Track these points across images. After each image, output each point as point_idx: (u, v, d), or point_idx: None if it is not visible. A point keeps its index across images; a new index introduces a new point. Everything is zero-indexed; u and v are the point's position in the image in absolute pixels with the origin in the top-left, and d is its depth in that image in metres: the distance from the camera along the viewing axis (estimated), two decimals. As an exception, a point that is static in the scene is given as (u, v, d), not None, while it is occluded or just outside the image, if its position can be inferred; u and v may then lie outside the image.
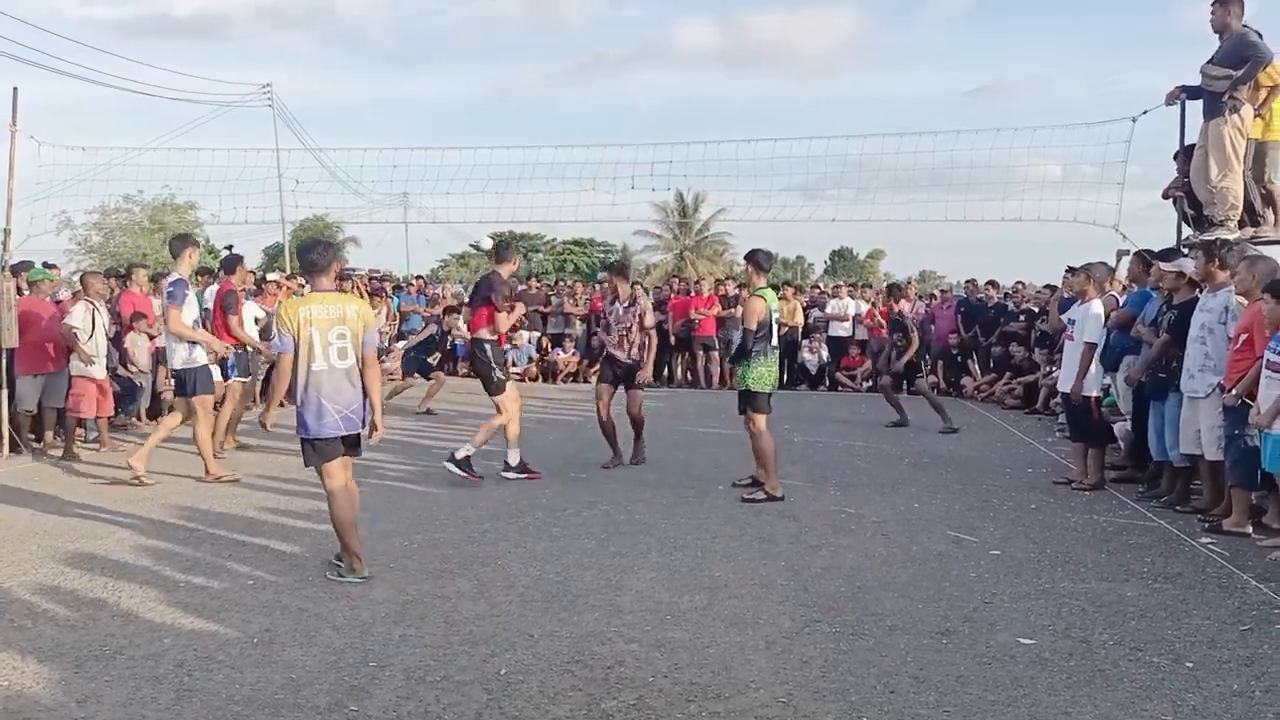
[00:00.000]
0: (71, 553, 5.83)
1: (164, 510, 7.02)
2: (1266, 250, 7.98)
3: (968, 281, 17.31)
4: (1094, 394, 8.16)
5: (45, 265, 13.19)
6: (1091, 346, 7.96)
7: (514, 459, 8.20)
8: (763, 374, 7.63)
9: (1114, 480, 8.36)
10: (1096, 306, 8.02)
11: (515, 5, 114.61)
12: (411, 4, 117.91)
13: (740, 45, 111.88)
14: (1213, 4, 8.04)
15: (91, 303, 9.58)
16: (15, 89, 10.02)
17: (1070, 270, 8.63)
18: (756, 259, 7.82)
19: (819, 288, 22.52)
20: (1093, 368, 8.07)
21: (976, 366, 16.10)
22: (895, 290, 14.14)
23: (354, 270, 18.10)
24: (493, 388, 8.11)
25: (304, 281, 16.49)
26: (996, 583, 5.41)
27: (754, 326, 7.54)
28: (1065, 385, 8.24)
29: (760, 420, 7.63)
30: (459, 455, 7.99)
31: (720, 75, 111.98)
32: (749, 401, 7.69)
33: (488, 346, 8.12)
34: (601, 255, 63.60)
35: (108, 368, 9.72)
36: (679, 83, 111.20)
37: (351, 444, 5.43)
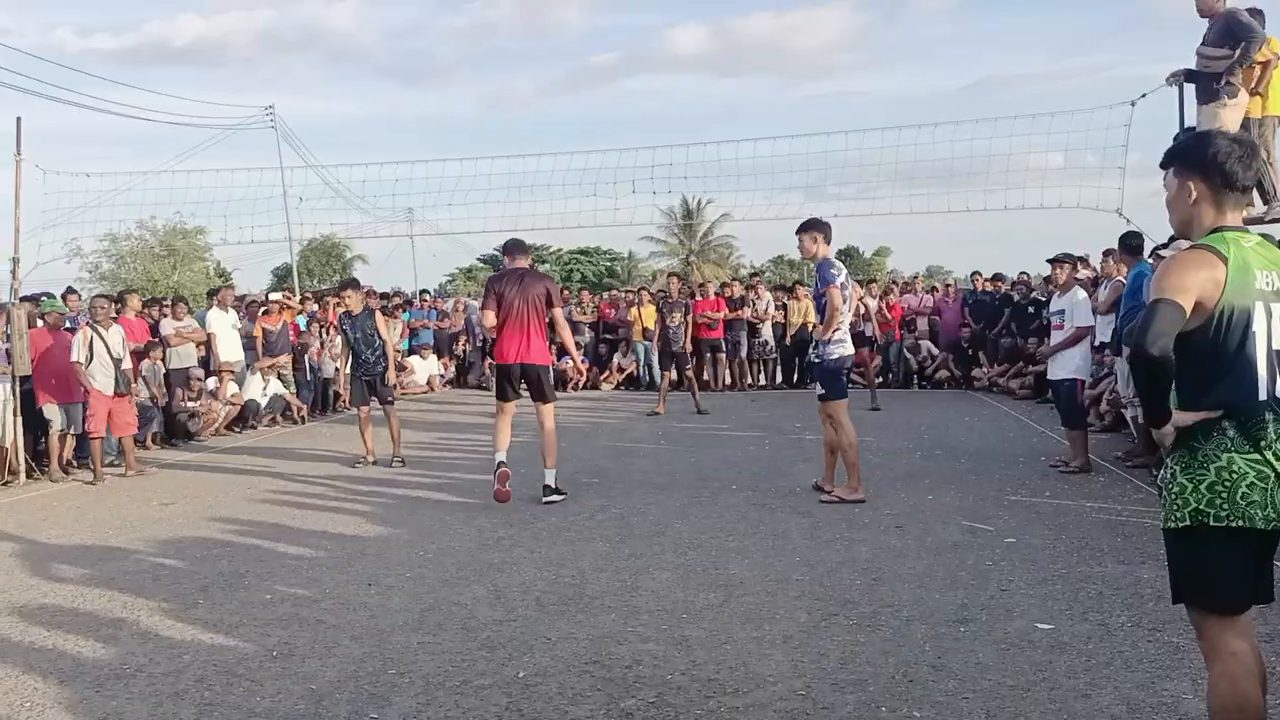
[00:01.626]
0: (90, 574, 5.87)
1: (179, 529, 7.06)
2: (1269, 230, 7.95)
3: (973, 274, 17.31)
4: (1080, 378, 8.40)
5: (68, 290, 13.38)
6: (1085, 330, 8.15)
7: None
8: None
9: (1130, 466, 8.36)
10: (1081, 293, 8.29)
11: (505, 16, 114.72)
12: (402, 20, 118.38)
13: (731, 47, 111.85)
14: None
15: (93, 327, 9.61)
16: (19, 118, 10.11)
17: (1050, 261, 8.68)
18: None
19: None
20: (1078, 353, 8.24)
21: (986, 358, 16.06)
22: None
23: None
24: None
25: (307, 298, 16.59)
26: (1012, 570, 5.40)
27: None
28: (1055, 374, 8.51)
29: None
30: (546, 481, 7.72)
31: (713, 78, 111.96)
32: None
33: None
34: (608, 263, 63.70)
35: (117, 391, 9.67)
36: (672, 87, 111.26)
37: None
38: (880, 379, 15.80)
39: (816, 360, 7.59)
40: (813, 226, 7.48)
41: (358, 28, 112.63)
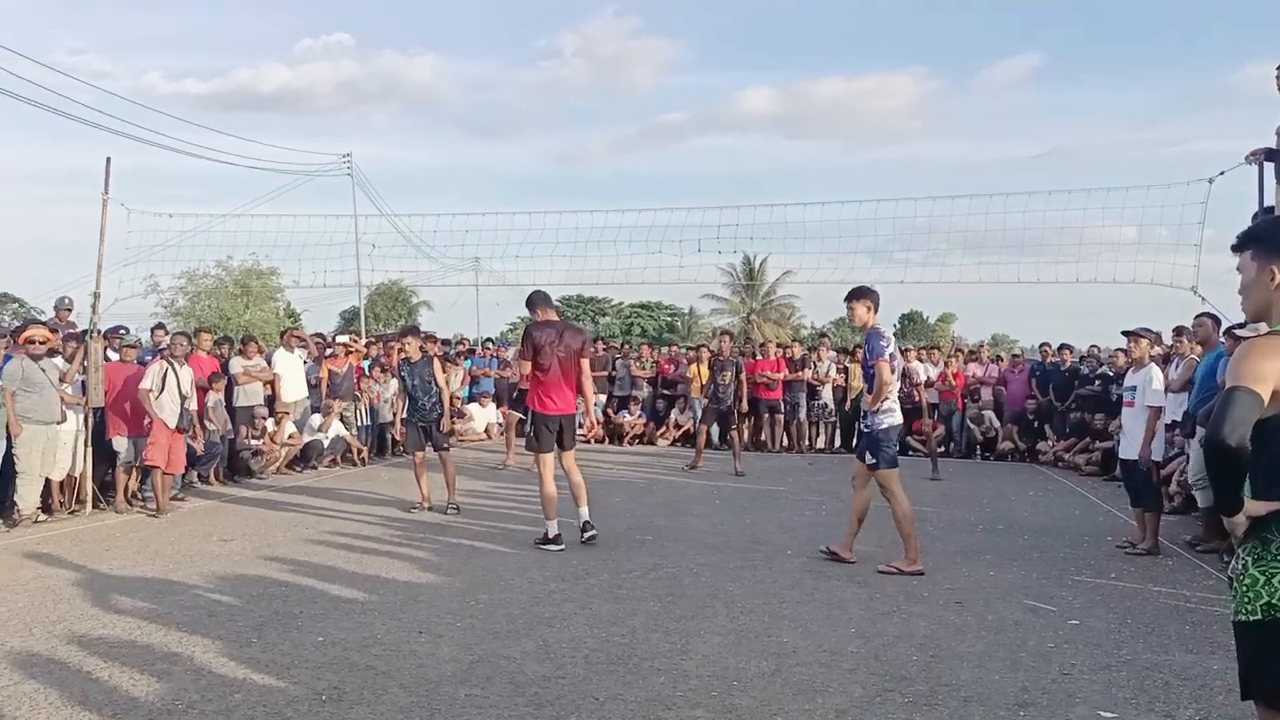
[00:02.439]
0: (148, 607, 5.95)
1: (237, 566, 7.15)
2: None
3: (1041, 345, 17.03)
4: (1157, 459, 8.20)
5: (157, 326, 13.83)
6: (1157, 410, 7.93)
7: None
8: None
9: (1199, 550, 8.10)
10: (1155, 371, 8.04)
11: (577, 75, 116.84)
12: (479, 74, 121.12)
13: (800, 110, 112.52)
14: (1278, 67, 7.98)
15: (169, 362, 9.89)
16: (108, 159, 10.49)
17: (1125, 334, 8.48)
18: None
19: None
20: (1158, 432, 8.03)
21: (1053, 432, 15.74)
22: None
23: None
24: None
25: (372, 342, 16.88)
26: (1075, 653, 5.23)
27: None
28: (1127, 453, 8.26)
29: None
30: (585, 518, 8.06)
31: (781, 139, 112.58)
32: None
33: None
34: (668, 318, 63.92)
35: (178, 426, 9.90)
36: (740, 147, 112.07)
37: None
38: (942, 448, 15.55)
39: (866, 430, 7.52)
40: (865, 294, 7.46)
41: (435, 80, 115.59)
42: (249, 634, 5.40)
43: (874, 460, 7.37)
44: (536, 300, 8.30)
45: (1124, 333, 8.51)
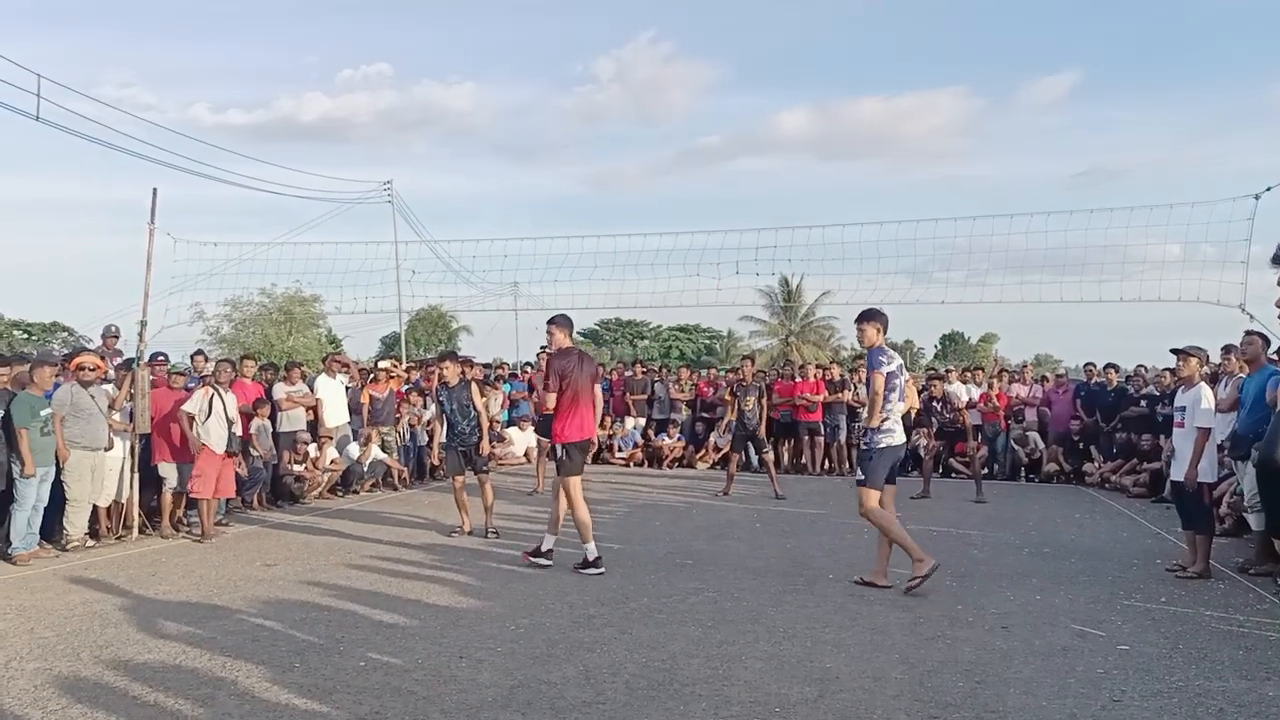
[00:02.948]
0: (193, 631, 6.01)
1: (280, 591, 7.20)
2: None
3: (1086, 365, 16.78)
4: (1208, 480, 7.93)
5: (196, 353, 14.07)
6: (1206, 431, 7.73)
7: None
8: None
9: (1253, 574, 7.91)
10: (1205, 390, 7.83)
11: (614, 99, 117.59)
12: (516, 100, 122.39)
13: (837, 131, 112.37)
14: None
15: (214, 388, 10.03)
16: (155, 189, 10.66)
17: (1175, 352, 8.30)
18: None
19: (934, 371, 22.09)
20: (1207, 452, 7.82)
21: (1099, 453, 15.48)
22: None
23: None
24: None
25: (413, 367, 17.02)
26: (1125, 680, 5.12)
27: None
28: (1177, 474, 8.05)
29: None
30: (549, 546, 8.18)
31: (818, 160, 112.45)
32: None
33: None
34: (707, 340, 63.84)
35: (229, 450, 10.06)
36: (778, 169, 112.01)
37: None
38: (986, 470, 15.35)
39: (864, 447, 7.52)
40: (874, 316, 7.53)
41: (473, 107, 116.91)
42: (292, 658, 5.43)
43: (860, 477, 7.43)
44: (562, 323, 8.36)
45: (1173, 351, 8.35)
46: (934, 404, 13.87)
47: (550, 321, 8.30)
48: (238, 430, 10.28)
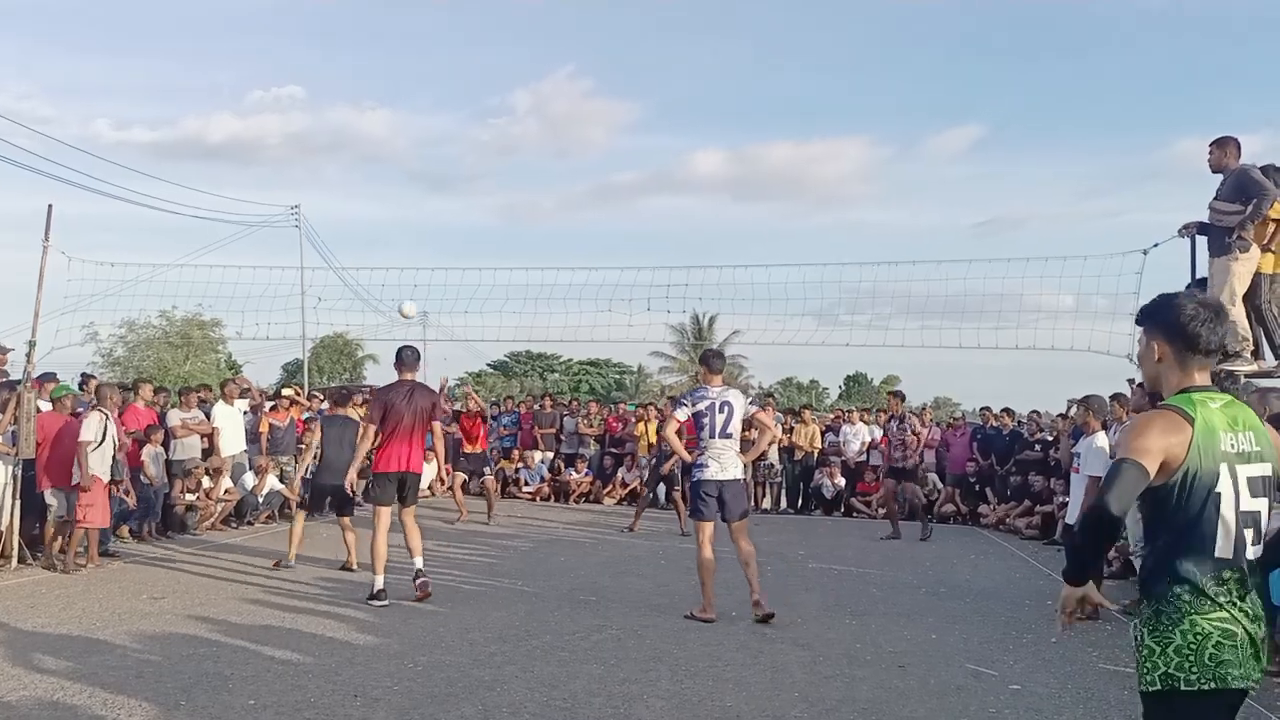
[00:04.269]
0: (73, 666, 5.74)
1: (167, 625, 6.94)
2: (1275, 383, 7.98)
3: (982, 409, 17.28)
4: None
5: (84, 376, 13.45)
6: (1096, 480, 8.03)
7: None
8: None
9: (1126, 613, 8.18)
10: (1100, 439, 8.16)
11: (530, 132, 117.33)
12: (433, 128, 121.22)
13: (750, 173, 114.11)
14: (1210, 145, 8.23)
15: (105, 412, 9.67)
16: (50, 206, 10.30)
17: (1072, 402, 8.70)
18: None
19: (838, 413, 22.46)
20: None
21: (994, 495, 15.91)
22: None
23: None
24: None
25: (317, 397, 16.62)
26: (1017, 718, 5.24)
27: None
28: (1071, 518, 8.36)
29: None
30: (419, 567, 8.21)
31: (731, 201, 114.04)
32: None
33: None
34: (617, 375, 63.97)
35: (113, 478, 9.70)
36: (692, 207, 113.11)
37: None
38: (883, 509, 15.59)
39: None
40: (703, 359, 8.15)
41: (389, 134, 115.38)
42: (177, 695, 5.22)
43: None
44: (406, 359, 8.46)
45: (1073, 400, 8.71)
46: (891, 440, 13.98)
47: (398, 356, 8.46)
48: (121, 456, 9.92)
